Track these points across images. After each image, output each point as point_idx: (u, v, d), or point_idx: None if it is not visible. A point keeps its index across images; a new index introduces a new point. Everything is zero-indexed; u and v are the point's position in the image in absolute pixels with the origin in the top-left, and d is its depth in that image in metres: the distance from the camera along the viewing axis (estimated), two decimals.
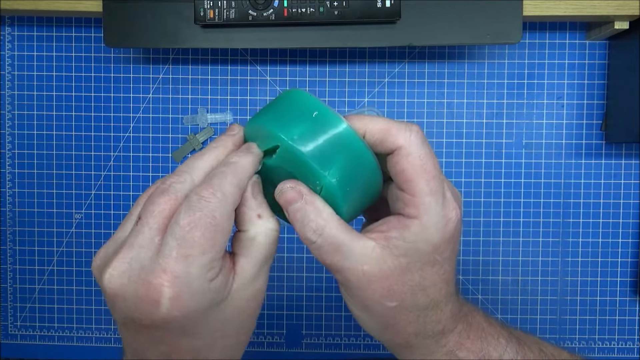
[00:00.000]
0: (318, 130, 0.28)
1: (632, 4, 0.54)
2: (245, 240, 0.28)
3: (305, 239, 0.28)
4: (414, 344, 0.30)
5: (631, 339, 0.64)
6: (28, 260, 0.65)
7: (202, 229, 0.25)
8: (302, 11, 0.51)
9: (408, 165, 0.27)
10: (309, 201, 0.28)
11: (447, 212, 0.28)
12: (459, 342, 0.30)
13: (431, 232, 0.27)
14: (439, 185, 0.28)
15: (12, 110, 0.64)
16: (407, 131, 0.28)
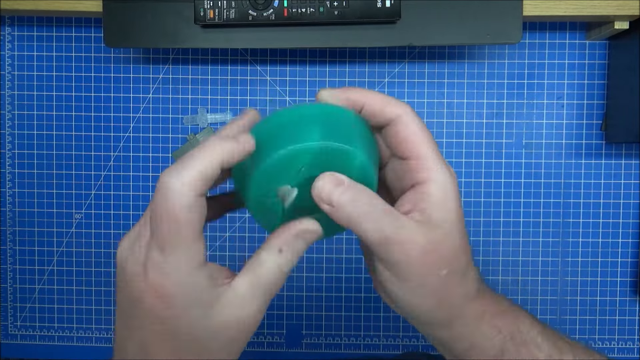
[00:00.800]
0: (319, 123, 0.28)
1: (632, 4, 0.54)
2: (254, 261, 0.28)
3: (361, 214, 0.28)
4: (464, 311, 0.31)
5: (631, 339, 0.64)
6: (28, 260, 0.65)
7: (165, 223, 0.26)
8: (302, 11, 0.51)
9: (410, 132, 0.29)
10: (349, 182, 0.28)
11: (449, 170, 0.30)
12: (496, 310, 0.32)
13: (449, 189, 0.29)
14: (437, 149, 0.30)
15: (12, 110, 0.64)
16: (402, 103, 0.30)
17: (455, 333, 0.31)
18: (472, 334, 0.31)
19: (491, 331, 0.31)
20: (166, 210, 0.25)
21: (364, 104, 0.29)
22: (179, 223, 0.25)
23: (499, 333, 0.31)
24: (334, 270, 0.64)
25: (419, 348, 0.65)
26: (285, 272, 0.28)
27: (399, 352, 0.65)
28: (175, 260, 0.26)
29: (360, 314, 0.65)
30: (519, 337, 0.32)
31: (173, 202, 0.25)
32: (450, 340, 0.32)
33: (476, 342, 0.31)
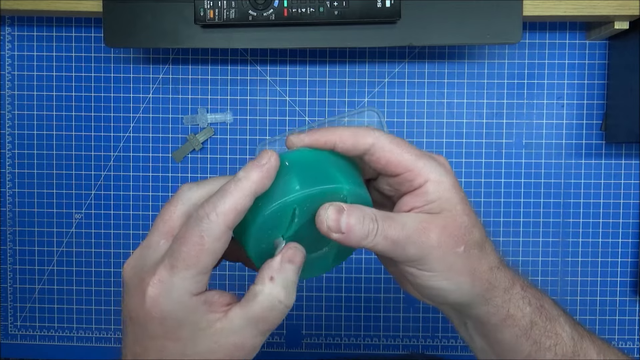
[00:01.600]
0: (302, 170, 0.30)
1: (632, 4, 0.54)
2: (249, 293, 0.29)
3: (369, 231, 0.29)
4: (494, 282, 0.32)
5: (631, 339, 0.64)
6: (28, 260, 0.65)
7: (188, 245, 0.27)
8: (302, 11, 0.51)
9: (387, 153, 0.30)
10: (348, 207, 0.30)
11: (439, 160, 0.31)
12: (524, 284, 0.33)
13: (444, 181, 0.31)
14: (418, 150, 0.31)
15: (12, 110, 0.64)
16: (371, 131, 0.31)
17: (492, 306, 0.33)
18: (506, 304, 0.33)
19: (522, 302, 0.33)
20: (195, 235, 0.27)
21: (334, 143, 0.31)
22: (202, 250, 0.27)
23: (529, 305, 0.33)
24: (334, 271, 0.65)
25: (419, 348, 0.65)
26: (281, 300, 0.29)
27: (399, 352, 0.65)
28: (180, 281, 0.27)
29: (360, 314, 0.65)
30: (545, 313, 0.33)
31: (205, 228, 0.27)
32: (487, 315, 0.33)
33: (511, 312, 0.33)
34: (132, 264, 0.29)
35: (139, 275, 0.28)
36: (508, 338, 0.33)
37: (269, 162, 0.28)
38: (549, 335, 0.33)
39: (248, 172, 0.28)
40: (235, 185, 0.28)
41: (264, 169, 0.28)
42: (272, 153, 0.29)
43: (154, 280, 0.27)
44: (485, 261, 0.32)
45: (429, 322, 0.65)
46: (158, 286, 0.27)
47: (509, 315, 0.32)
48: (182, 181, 0.64)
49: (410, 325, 0.65)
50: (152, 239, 0.29)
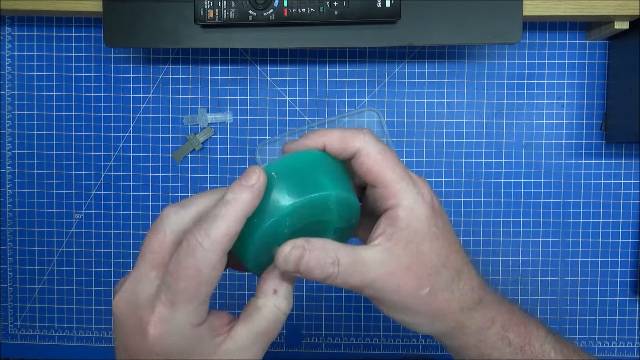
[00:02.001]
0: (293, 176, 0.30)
1: (632, 4, 0.54)
2: (251, 307, 0.29)
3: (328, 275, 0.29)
4: (464, 322, 0.31)
5: (631, 339, 0.64)
6: (28, 260, 0.65)
7: (186, 280, 0.26)
8: (302, 11, 0.51)
9: (371, 162, 0.30)
10: (310, 247, 0.29)
11: (419, 188, 0.30)
12: (506, 323, 0.32)
13: (417, 210, 0.30)
14: (404, 169, 0.30)
15: (12, 110, 0.64)
16: (361, 134, 0.30)
17: (463, 342, 0.32)
18: (480, 344, 0.31)
19: (500, 342, 0.31)
20: (191, 267, 0.26)
21: (323, 144, 0.30)
22: (200, 282, 0.26)
23: (509, 345, 0.31)
24: None
25: (419, 348, 0.65)
26: (284, 311, 0.29)
27: (399, 352, 0.65)
28: (183, 316, 0.27)
29: (360, 314, 0.65)
30: (530, 350, 0.32)
31: (200, 259, 0.26)
32: (461, 349, 0.32)
33: (485, 352, 0.31)
34: (124, 298, 0.28)
35: (135, 312, 0.27)
36: None
37: (258, 182, 0.27)
38: None
39: (237, 193, 0.27)
40: (226, 208, 0.27)
41: (254, 189, 0.27)
42: (259, 171, 0.28)
43: (154, 319, 0.27)
44: (455, 302, 0.31)
45: None
46: (159, 325, 0.27)
47: (483, 354, 0.31)
48: (182, 181, 0.64)
49: None
50: (142, 271, 0.28)
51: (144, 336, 0.27)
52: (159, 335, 0.27)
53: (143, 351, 0.27)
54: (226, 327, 0.29)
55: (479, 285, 0.32)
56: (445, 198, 0.64)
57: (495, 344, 0.31)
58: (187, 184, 0.64)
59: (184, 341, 0.27)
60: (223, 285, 0.65)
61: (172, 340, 0.27)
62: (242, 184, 0.27)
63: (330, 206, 0.30)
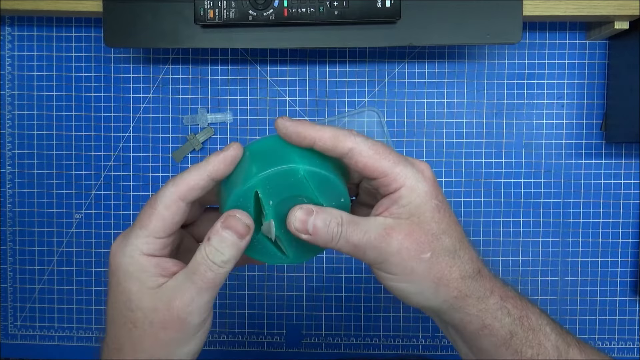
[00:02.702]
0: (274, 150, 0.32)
1: (632, 4, 0.54)
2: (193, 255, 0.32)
3: (333, 235, 0.31)
4: (466, 291, 0.32)
5: (631, 339, 0.64)
6: (28, 260, 0.65)
7: (145, 209, 0.31)
8: (302, 11, 0.51)
9: (365, 158, 0.31)
10: (318, 210, 0.31)
11: (418, 166, 0.32)
12: (503, 295, 0.33)
13: (419, 186, 0.31)
14: (397, 155, 0.32)
15: (12, 110, 0.64)
16: (352, 135, 0.32)
17: (465, 314, 0.33)
18: (482, 314, 0.32)
19: (500, 312, 0.33)
20: (152, 201, 0.31)
21: (314, 140, 0.32)
22: (152, 213, 0.31)
23: (508, 315, 0.33)
24: (334, 270, 0.65)
25: (418, 348, 0.65)
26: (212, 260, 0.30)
27: (399, 352, 0.65)
28: (133, 239, 0.31)
29: (360, 314, 0.65)
30: (527, 323, 0.33)
31: (160, 196, 0.31)
32: (462, 322, 0.33)
33: (487, 322, 0.32)
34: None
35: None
36: (487, 346, 0.33)
37: (227, 150, 0.31)
38: (531, 345, 0.33)
39: (209, 157, 0.31)
40: (196, 166, 0.31)
41: (222, 155, 0.31)
42: (236, 144, 0.32)
43: (118, 237, 0.32)
44: (457, 269, 0.32)
45: (428, 322, 0.65)
46: (118, 241, 0.32)
47: (485, 325, 0.32)
48: None
49: (410, 325, 0.65)
50: None
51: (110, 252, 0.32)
52: (114, 250, 0.32)
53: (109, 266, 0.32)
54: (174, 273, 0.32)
55: (477, 258, 0.33)
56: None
57: (496, 313, 0.32)
58: None
59: (129, 261, 0.31)
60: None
61: (120, 257, 0.31)
62: (217, 152, 0.32)
63: (302, 181, 0.31)
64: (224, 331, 0.65)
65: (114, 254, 0.32)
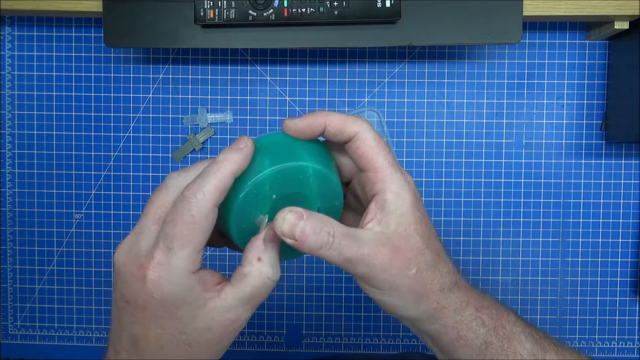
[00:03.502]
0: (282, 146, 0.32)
1: (632, 4, 0.54)
2: (238, 274, 0.31)
3: (323, 244, 0.30)
4: (444, 303, 0.33)
5: (631, 339, 0.64)
6: (28, 260, 0.65)
7: (181, 225, 0.29)
8: (302, 11, 0.51)
9: (367, 147, 0.32)
10: (307, 214, 0.31)
11: (405, 176, 0.32)
12: (479, 305, 0.34)
13: (404, 194, 0.32)
14: (394, 158, 0.32)
15: (12, 110, 0.64)
16: (360, 120, 0.32)
17: (441, 325, 0.33)
18: (457, 325, 0.33)
19: (475, 323, 0.33)
20: (186, 215, 0.29)
21: (325, 125, 0.32)
22: (194, 228, 0.29)
23: (483, 326, 0.33)
24: (334, 270, 0.64)
25: (418, 348, 0.65)
26: (270, 277, 0.30)
27: (399, 352, 0.65)
28: (178, 261, 0.29)
29: (360, 314, 0.65)
30: (502, 332, 0.34)
31: (193, 207, 0.29)
32: (438, 333, 0.34)
33: (462, 333, 0.33)
34: (125, 249, 0.30)
35: (135, 261, 0.30)
36: (463, 356, 0.34)
37: (246, 146, 0.30)
38: (507, 353, 0.33)
39: (227, 154, 0.30)
40: (217, 166, 0.30)
41: (242, 151, 0.30)
42: (247, 138, 0.31)
43: (153, 264, 0.29)
44: (437, 282, 0.32)
45: None
46: (158, 269, 0.29)
47: (460, 336, 0.33)
48: None
49: None
50: (144, 225, 0.30)
51: (143, 281, 0.29)
52: (156, 279, 0.29)
53: (141, 296, 0.29)
54: (217, 286, 0.30)
55: (454, 269, 0.34)
56: (445, 198, 0.64)
57: (471, 324, 0.33)
58: None
59: (178, 287, 0.29)
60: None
61: (168, 285, 0.29)
62: (232, 148, 0.30)
63: (308, 179, 0.32)
64: None
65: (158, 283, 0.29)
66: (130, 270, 0.30)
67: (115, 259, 0.31)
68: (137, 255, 0.30)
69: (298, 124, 0.32)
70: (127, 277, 0.30)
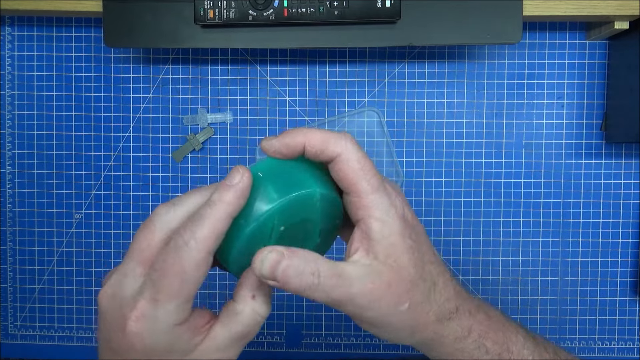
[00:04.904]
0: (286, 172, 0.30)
1: (632, 4, 0.54)
2: (230, 311, 0.29)
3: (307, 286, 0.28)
4: (442, 332, 0.31)
5: (631, 339, 0.64)
6: (28, 260, 0.65)
7: (170, 277, 0.26)
8: (302, 11, 0.51)
9: (349, 169, 0.29)
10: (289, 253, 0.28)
11: (392, 200, 0.30)
12: (483, 332, 0.32)
13: (390, 222, 0.29)
14: (378, 181, 0.30)
15: (12, 110, 0.64)
16: (343, 139, 0.29)
17: (441, 352, 0.32)
18: (457, 352, 0.31)
19: (478, 351, 0.31)
20: (176, 265, 0.26)
21: (304, 145, 0.30)
22: (184, 279, 0.26)
23: (487, 353, 0.31)
24: None
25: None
26: (262, 315, 0.29)
27: (399, 352, 0.65)
28: (164, 314, 0.27)
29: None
30: (507, 357, 0.32)
31: (185, 257, 0.26)
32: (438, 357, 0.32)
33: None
34: (109, 293, 0.28)
35: (118, 307, 0.27)
36: None
37: (241, 182, 0.27)
38: None
39: (222, 194, 0.27)
40: (211, 209, 0.27)
41: (237, 188, 0.27)
42: (243, 171, 0.28)
43: (136, 315, 0.27)
44: (433, 313, 0.30)
45: None
46: (141, 321, 0.27)
47: None
48: (182, 181, 0.64)
49: None
50: (129, 267, 0.28)
51: (123, 332, 0.27)
52: (138, 332, 0.27)
53: (123, 346, 0.27)
54: (206, 326, 0.29)
55: (455, 294, 0.32)
56: (445, 198, 0.64)
57: (473, 352, 0.31)
58: (187, 184, 0.64)
59: (163, 339, 0.27)
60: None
61: (152, 339, 0.27)
62: (226, 184, 0.28)
63: (315, 204, 0.30)
64: None
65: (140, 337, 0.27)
66: (113, 317, 0.28)
67: (99, 302, 0.29)
68: (121, 303, 0.27)
69: (275, 144, 0.30)
70: (111, 325, 0.28)
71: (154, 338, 0.27)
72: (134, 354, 0.27)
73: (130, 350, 0.27)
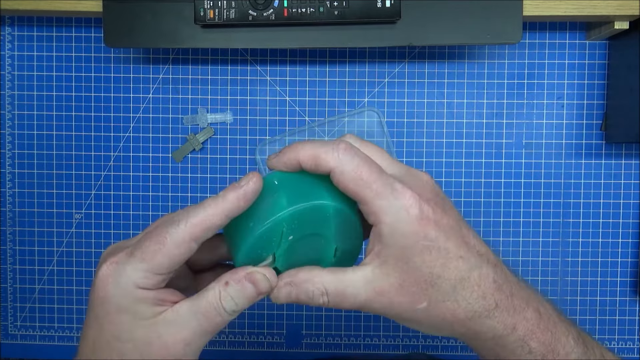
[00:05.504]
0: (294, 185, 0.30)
1: (632, 4, 0.54)
2: (203, 289, 0.30)
3: (320, 305, 0.30)
4: (476, 329, 0.30)
5: (631, 339, 0.64)
6: (28, 260, 0.65)
7: (151, 242, 0.28)
8: (302, 11, 0.51)
9: (347, 181, 0.29)
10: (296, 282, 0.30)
11: (403, 201, 0.29)
12: (529, 330, 0.30)
13: (401, 226, 0.29)
14: (383, 184, 0.29)
15: (12, 110, 0.64)
16: (335, 151, 0.29)
17: (478, 344, 0.31)
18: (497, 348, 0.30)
19: (520, 349, 0.30)
20: (161, 235, 0.28)
21: (298, 162, 0.30)
22: (160, 250, 0.28)
23: (529, 353, 0.30)
24: None
25: (419, 348, 0.65)
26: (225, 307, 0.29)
27: (399, 352, 0.65)
28: (131, 270, 0.28)
29: (360, 313, 0.65)
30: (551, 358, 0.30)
31: (171, 232, 0.28)
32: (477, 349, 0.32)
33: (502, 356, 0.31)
34: (112, 246, 0.31)
35: (105, 257, 0.29)
36: None
37: (246, 185, 0.28)
38: None
39: (227, 192, 0.28)
40: (212, 201, 0.28)
41: (241, 190, 0.28)
42: (253, 176, 0.28)
43: (112, 260, 0.28)
44: (462, 310, 0.29)
45: None
46: (111, 267, 0.28)
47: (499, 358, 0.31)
48: (182, 181, 0.64)
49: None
50: (137, 235, 0.30)
51: (97, 275, 0.29)
52: (105, 277, 0.28)
53: (92, 294, 0.29)
54: (174, 304, 0.29)
55: (495, 289, 0.30)
56: None
57: (515, 350, 0.30)
58: (187, 184, 0.64)
59: (121, 294, 0.28)
60: None
61: (112, 289, 0.28)
62: (234, 184, 0.29)
63: (328, 218, 0.30)
64: (224, 331, 0.65)
65: (104, 281, 0.28)
66: (99, 264, 0.29)
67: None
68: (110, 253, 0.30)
69: (274, 163, 0.30)
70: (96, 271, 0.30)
71: (113, 289, 0.28)
72: (95, 300, 0.29)
73: (94, 296, 0.29)
